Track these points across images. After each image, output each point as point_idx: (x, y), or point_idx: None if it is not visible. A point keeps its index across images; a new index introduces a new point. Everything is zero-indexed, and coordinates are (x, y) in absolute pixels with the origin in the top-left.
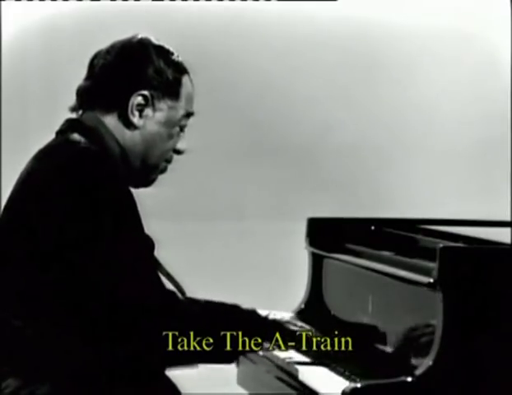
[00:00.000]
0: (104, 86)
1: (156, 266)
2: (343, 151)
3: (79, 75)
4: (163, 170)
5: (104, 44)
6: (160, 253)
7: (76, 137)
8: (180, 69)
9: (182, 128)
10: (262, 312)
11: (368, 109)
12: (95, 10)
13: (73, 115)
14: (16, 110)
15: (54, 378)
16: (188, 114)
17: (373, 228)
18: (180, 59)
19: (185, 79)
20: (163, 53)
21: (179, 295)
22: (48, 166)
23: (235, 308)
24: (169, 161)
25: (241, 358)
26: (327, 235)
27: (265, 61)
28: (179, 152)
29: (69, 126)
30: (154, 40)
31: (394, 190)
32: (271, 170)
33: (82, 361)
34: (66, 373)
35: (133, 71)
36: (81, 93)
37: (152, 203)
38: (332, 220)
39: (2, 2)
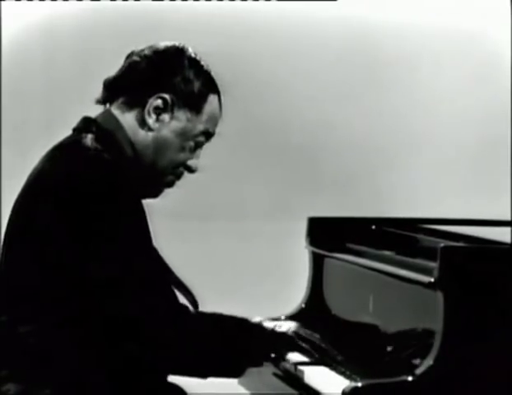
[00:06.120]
0: (128, 82)
1: (167, 274)
2: (344, 151)
3: (79, 74)
4: (170, 184)
5: (104, 44)
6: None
7: (88, 140)
8: (209, 86)
9: (198, 145)
10: (269, 324)
11: (369, 108)
12: (95, 10)
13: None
14: (16, 110)
15: (56, 383)
16: (208, 134)
17: (374, 227)
18: (213, 77)
19: (212, 98)
20: (196, 65)
21: (190, 305)
22: (56, 171)
23: (243, 322)
24: (178, 177)
25: None
26: (327, 235)
27: (265, 61)
28: (190, 170)
29: (85, 126)
30: (192, 52)
31: (395, 189)
32: (271, 170)
33: (84, 366)
34: (67, 378)
35: (160, 73)
36: (107, 85)
37: (152, 203)
38: (332, 219)
39: (3, 2)
